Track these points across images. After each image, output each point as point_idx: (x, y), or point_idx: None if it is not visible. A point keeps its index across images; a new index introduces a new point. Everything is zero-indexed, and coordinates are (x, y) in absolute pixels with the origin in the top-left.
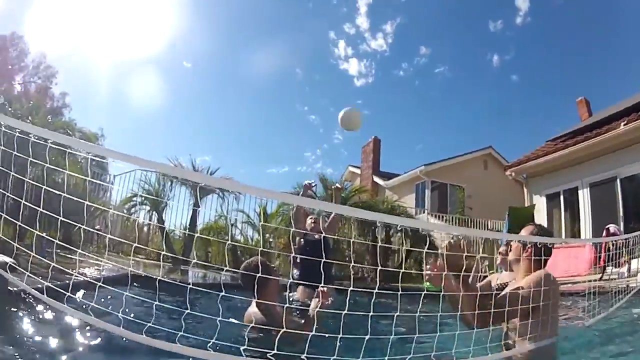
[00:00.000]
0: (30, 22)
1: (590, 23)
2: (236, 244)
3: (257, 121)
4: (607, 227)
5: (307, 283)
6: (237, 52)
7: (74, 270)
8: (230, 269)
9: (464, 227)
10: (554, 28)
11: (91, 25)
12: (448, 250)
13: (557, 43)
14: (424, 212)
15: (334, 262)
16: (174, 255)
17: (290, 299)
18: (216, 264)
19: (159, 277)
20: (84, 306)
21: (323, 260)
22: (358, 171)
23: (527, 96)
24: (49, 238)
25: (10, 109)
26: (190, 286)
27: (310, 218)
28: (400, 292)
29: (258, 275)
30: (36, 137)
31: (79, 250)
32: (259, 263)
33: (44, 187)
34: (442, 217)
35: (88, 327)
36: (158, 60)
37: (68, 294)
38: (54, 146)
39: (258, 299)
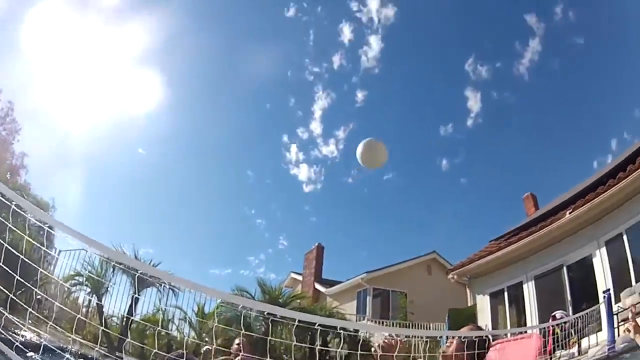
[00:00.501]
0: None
1: (541, 118)
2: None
3: (204, 220)
4: (553, 314)
5: None
6: (191, 149)
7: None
8: None
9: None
10: (504, 128)
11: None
12: (383, 351)
13: (507, 142)
14: (364, 319)
15: None
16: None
17: None
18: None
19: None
20: None
21: None
22: (300, 278)
23: (475, 198)
24: None
25: None
26: None
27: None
28: None
29: None
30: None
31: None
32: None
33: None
34: (384, 323)
35: None
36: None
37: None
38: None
39: None
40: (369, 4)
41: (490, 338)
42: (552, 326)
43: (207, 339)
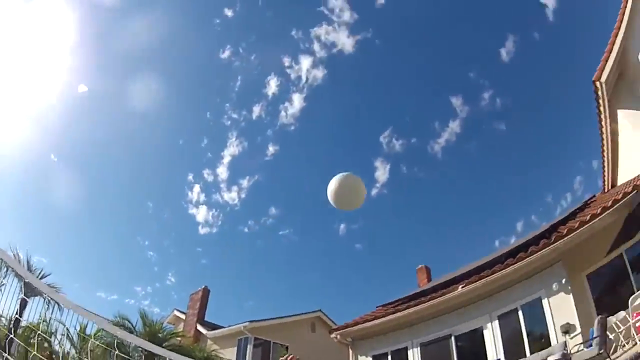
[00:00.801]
0: None
1: (447, 195)
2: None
3: (99, 241)
4: None
5: None
6: (99, 168)
7: None
8: None
9: None
10: (407, 200)
11: None
12: None
13: (409, 215)
14: None
15: None
16: None
17: None
18: None
19: None
20: None
21: None
22: (183, 317)
23: (368, 264)
24: None
25: None
26: None
27: None
28: None
29: None
30: None
31: None
32: None
33: None
34: None
35: None
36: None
37: None
38: None
39: None
40: (302, 63)
41: None
42: None
43: (86, 359)
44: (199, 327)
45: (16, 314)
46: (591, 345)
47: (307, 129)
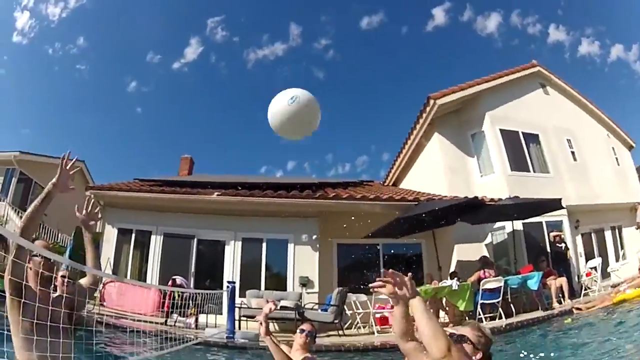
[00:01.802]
0: None
1: (236, 95)
2: None
3: None
4: (173, 277)
5: None
6: None
7: None
8: None
9: None
10: (199, 88)
11: None
12: None
13: (194, 100)
14: (3, 201)
15: None
16: None
17: None
18: None
19: None
20: None
21: None
22: None
23: (141, 132)
24: None
25: None
26: None
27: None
28: None
29: None
30: None
31: None
32: None
33: None
34: (21, 213)
35: None
36: None
37: None
38: None
39: None
40: None
41: None
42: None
43: None
44: None
45: None
46: (326, 310)
47: None
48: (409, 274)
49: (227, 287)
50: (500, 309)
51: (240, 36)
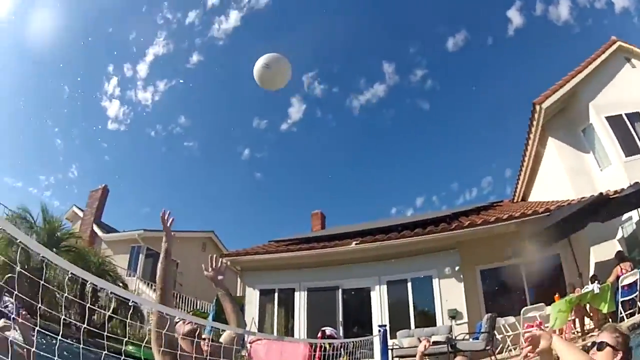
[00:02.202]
0: None
1: (348, 146)
2: None
3: (8, 123)
4: (323, 329)
5: None
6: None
7: None
8: None
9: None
10: (315, 145)
11: None
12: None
13: (312, 158)
14: (134, 276)
15: None
16: None
17: None
18: None
19: None
20: None
21: None
22: (81, 214)
23: (265, 196)
24: None
25: None
26: None
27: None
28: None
29: None
30: None
31: None
32: None
33: None
34: (152, 285)
35: None
36: None
37: None
38: None
39: None
40: None
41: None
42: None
43: None
44: (95, 228)
45: None
46: (477, 339)
47: (236, 45)
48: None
49: (379, 330)
50: (638, 303)
51: (338, 86)
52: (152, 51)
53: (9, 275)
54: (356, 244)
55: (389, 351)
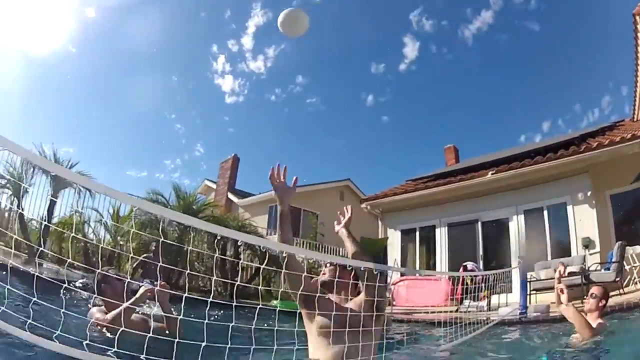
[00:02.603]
0: None
1: (472, 80)
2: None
3: (123, 121)
4: (464, 264)
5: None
6: (113, 43)
7: None
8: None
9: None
10: (435, 80)
11: None
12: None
13: (434, 94)
14: (274, 234)
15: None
16: (31, 245)
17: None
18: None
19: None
20: None
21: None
22: (214, 186)
23: (394, 138)
24: None
25: None
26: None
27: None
28: (260, 305)
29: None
30: None
31: None
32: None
33: None
34: (294, 240)
35: None
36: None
37: None
38: None
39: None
40: None
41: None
42: (465, 277)
43: (122, 242)
44: (230, 196)
45: (47, 213)
46: (608, 269)
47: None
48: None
49: (519, 262)
50: None
51: (446, 19)
52: (252, 23)
53: (144, 255)
54: (492, 174)
55: (527, 284)
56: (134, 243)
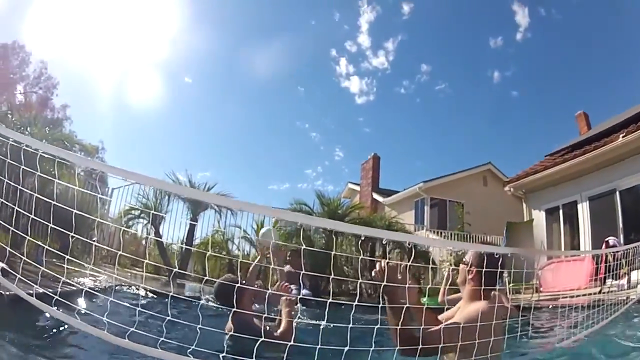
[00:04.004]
0: (30, 29)
1: (590, 37)
2: (231, 257)
3: (259, 138)
4: (606, 239)
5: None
6: (239, 67)
7: (72, 279)
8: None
9: (463, 241)
10: (553, 43)
11: (92, 32)
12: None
13: (557, 58)
14: (422, 229)
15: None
16: (170, 268)
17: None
18: (214, 278)
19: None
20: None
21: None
22: (357, 188)
23: (527, 112)
24: (45, 246)
25: (12, 119)
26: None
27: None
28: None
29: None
30: (34, 149)
31: (68, 258)
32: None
33: (37, 195)
34: (442, 233)
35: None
36: (160, 70)
37: (57, 298)
38: (50, 157)
39: (233, 311)
40: None
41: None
42: (607, 254)
43: (268, 255)
44: (375, 196)
45: (187, 237)
46: None
47: None
48: None
49: None
50: None
51: None
52: (364, 20)
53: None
54: (623, 136)
55: None
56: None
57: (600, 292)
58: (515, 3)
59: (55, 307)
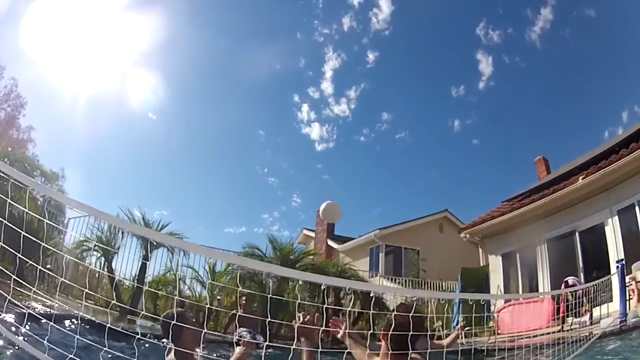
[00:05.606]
0: (6, 45)
1: (552, 85)
2: (184, 299)
3: (217, 181)
4: (565, 279)
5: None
6: (202, 108)
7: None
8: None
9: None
10: (515, 92)
11: (66, 54)
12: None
13: (518, 106)
14: (376, 276)
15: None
16: (122, 305)
17: None
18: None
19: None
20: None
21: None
22: (312, 234)
23: (487, 160)
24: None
25: None
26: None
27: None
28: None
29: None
30: None
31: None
32: (175, 313)
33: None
34: (396, 280)
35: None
36: (127, 102)
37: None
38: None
39: (175, 346)
40: None
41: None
42: (567, 294)
43: (219, 297)
44: (330, 242)
45: (139, 274)
46: None
47: (402, 31)
48: None
49: (617, 267)
50: None
51: (510, 26)
52: (328, 67)
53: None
54: (582, 178)
55: (626, 289)
56: (231, 297)
57: (561, 330)
58: (480, 51)
59: None
